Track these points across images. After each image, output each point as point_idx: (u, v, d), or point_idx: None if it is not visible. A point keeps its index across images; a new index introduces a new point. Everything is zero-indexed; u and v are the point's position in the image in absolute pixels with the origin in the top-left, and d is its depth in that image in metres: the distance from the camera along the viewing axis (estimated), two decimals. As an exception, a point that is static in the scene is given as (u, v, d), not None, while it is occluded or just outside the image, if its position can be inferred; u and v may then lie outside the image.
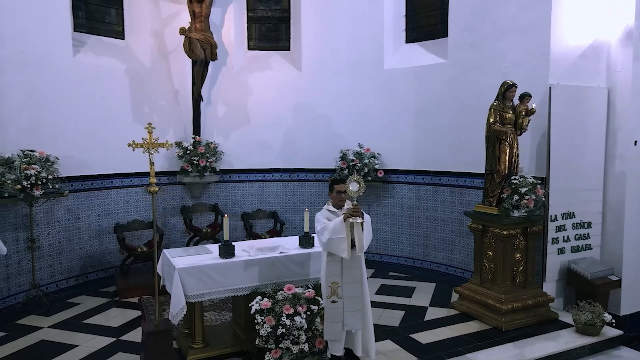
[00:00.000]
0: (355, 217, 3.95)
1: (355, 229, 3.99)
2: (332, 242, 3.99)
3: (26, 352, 4.63)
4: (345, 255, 3.99)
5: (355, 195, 4.00)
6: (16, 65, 5.97)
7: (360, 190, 4.02)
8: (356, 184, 4.01)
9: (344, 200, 4.28)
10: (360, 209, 3.98)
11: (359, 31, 7.82)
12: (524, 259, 5.38)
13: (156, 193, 4.36)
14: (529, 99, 5.34)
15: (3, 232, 5.85)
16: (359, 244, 3.99)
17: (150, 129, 4.40)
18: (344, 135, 7.97)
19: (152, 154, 4.37)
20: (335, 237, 3.97)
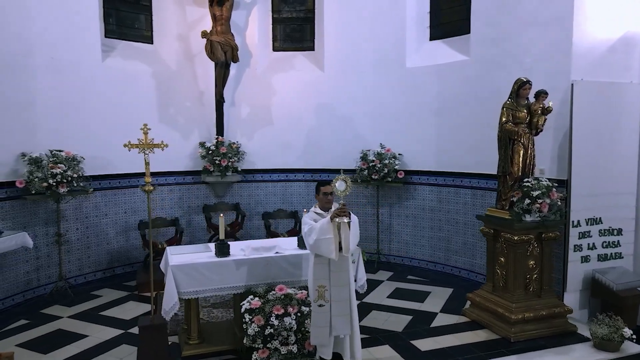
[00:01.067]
0: (341, 217, 3.89)
1: (342, 230, 3.93)
2: (320, 243, 3.95)
3: (41, 340, 4.93)
4: (333, 256, 3.94)
5: (342, 195, 3.94)
6: (47, 71, 6.37)
7: (348, 189, 3.96)
8: (343, 183, 3.96)
9: (331, 202, 4.23)
10: (347, 209, 3.91)
11: (381, 30, 7.69)
12: (538, 267, 5.08)
13: (151, 192, 4.43)
14: (545, 96, 5.03)
15: (34, 227, 6.27)
16: (345, 244, 3.92)
17: (145, 130, 4.52)
18: (366, 135, 7.87)
19: (147, 154, 4.48)
20: (322, 237, 3.93)
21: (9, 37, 5.91)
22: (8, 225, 5.91)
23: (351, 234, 3.92)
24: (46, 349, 4.70)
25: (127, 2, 7.63)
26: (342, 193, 3.94)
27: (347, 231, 3.91)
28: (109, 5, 7.37)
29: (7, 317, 5.59)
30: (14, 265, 6.05)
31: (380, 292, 6.39)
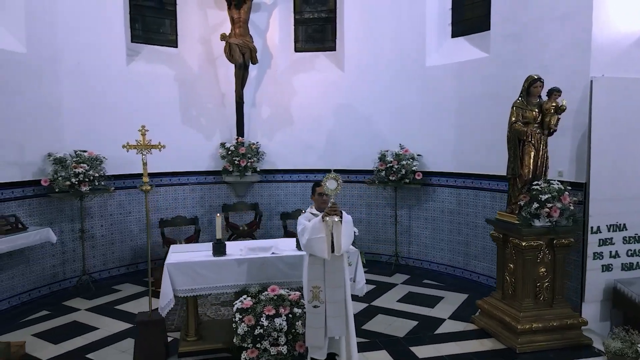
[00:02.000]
0: (332, 216, 3.84)
1: (334, 229, 3.88)
2: (312, 242, 3.92)
3: (55, 331, 5.21)
4: (325, 255, 3.90)
5: (332, 193, 3.91)
6: (73, 75, 6.71)
7: (338, 188, 3.92)
8: (334, 182, 3.91)
9: (327, 203, 4.17)
10: (337, 208, 3.87)
11: (401, 28, 7.55)
12: (550, 274, 4.80)
13: (149, 192, 4.56)
14: (558, 94, 4.75)
15: (60, 223, 6.63)
16: (337, 244, 3.86)
17: (143, 132, 4.66)
18: (386, 135, 7.75)
19: (145, 155, 4.60)
20: (314, 237, 3.90)
21: (38, 44, 6.27)
22: (35, 221, 6.28)
23: (343, 233, 3.85)
24: (57, 340, 4.96)
25: (153, 8, 7.91)
26: (332, 192, 3.90)
27: (339, 231, 3.86)
28: (135, 11, 7.67)
29: (32, 307, 5.95)
30: (41, 259, 6.41)
31: (392, 296, 6.27)
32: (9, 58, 5.94)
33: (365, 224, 8.14)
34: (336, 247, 3.84)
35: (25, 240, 5.72)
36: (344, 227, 3.83)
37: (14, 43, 6.04)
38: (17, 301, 6.04)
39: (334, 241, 3.90)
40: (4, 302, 5.88)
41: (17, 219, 5.88)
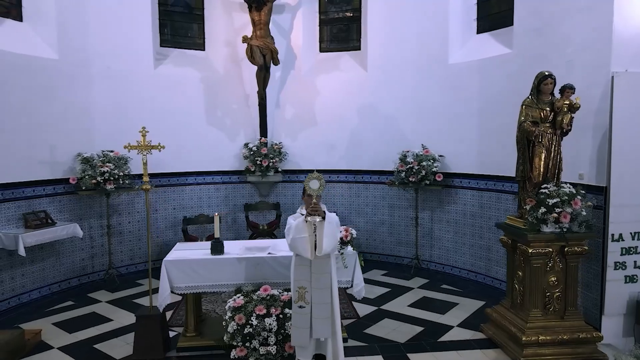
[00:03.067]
0: (314, 216, 3.82)
1: (317, 229, 3.86)
2: (295, 242, 3.92)
3: (73, 321, 5.52)
4: (308, 255, 3.89)
5: (315, 193, 3.89)
6: (103, 79, 7.09)
7: (321, 188, 3.90)
8: (317, 182, 3.90)
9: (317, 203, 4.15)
10: (319, 208, 3.84)
11: (424, 25, 7.35)
12: (561, 284, 4.49)
13: (149, 191, 4.72)
14: (571, 91, 4.44)
15: (89, 219, 7.03)
16: (319, 244, 3.83)
17: (143, 133, 4.82)
18: (408, 135, 7.58)
19: (145, 155, 4.76)
20: (298, 236, 3.90)
21: (69, 51, 6.68)
22: (65, 217, 6.69)
23: (325, 234, 3.81)
24: (73, 329, 5.26)
25: (181, 13, 8.19)
26: (315, 192, 3.88)
27: (322, 230, 3.83)
28: (164, 17, 7.98)
29: (60, 297, 6.34)
30: (71, 253, 6.82)
31: (404, 300, 6.12)
32: (43, 64, 6.36)
33: (387, 226, 8.01)
34: (318, 247, 3.80)
35: (53, 234, 6.12)
36: (326, 228, 3.79)
37: (46, 50, 6.46)
38: (47, 291, 6.46)
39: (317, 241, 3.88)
40: (35, 291, 6.31)
41: (47, 214, 6.30)
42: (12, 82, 6.00)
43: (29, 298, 6.20)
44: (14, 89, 6.02)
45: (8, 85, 5.95)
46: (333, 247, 3.89)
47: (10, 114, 5.98)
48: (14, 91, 6.03)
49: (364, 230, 8.22)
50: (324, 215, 3.81)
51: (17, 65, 6.05)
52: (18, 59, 6.06)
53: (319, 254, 3.82)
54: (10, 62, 5.98)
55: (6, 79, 5.92)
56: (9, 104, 5.96)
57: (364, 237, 8.22)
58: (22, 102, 6.12)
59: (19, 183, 6.11)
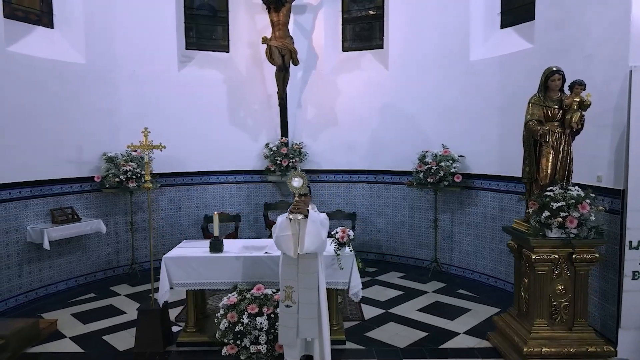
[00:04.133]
0: (295, 213, 3.82)
1: (300, 227, 3.85)
2: (279, 239, 3.94)
3: (90, 312, 5.80)
4: (291, 253, 3.91)
5: (297, 192, 3.89)
6: (129, 82, 7.38)
7: (303, 186, 3.90)
8: (299, 180, 3.90)
9: (306, 203, 4.13)
10: (300, 206, 3.82)
11: (445, 21, 7.14)
12: (569, 293, 4.22)
13: (151, 190, 4.86)
14: (580, 88, 4.16)
15: (115, 216, 7.36)
16: (300, 242, 3.81)
17: (146, 133, 4.96)
18: (429, 135, 7.39)
19: (147, 155, 4.90)
20: (281, 234, 3.92)
21: (96, 56, 7.01)
22: (92, 213, 7.04)
23: (308, 232, 3.79)
24: (87, 320, 5.52)
25: (206, 16, 8.40)
26: (297, 190, 3.89)
27: (304, 229, 3.81)
28: (190, 20, 8.21)
29: (84, 290, 6.68)
30: (97, 247, 7.17)
31: (414, 304, 5.97)
32: (71, 69, 6.72)
33: (408, 227, 7.84)
34: (300, 245, 3.79)
35: (77, 229, 6.45)
36: (309, 226, 3.77)
37: (75, 55, 6.82)
38: (73, 283, 6.82)
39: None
40: (62, 283, 6.68)
41: (74, 210, 6.65)
42: (42, 85, 6.37)
43: (55, 289, 6.57)
44: (43, 93, 6.39)
45: (38, 89, 6.32)
46: (317, 247, 3.85)
47: (40, 115, 6.35)
48: (44, 94, 6.40)
49: (384, 232, 8.10)
50: (307, 214, 3.79)
51: (47, 70, 6.42)
52: (48, 64, 6.44)
53: (300, 252, 3.81)
54: (41, 67, 6.35)
55: (36, 83, 6.30)
56: (39, 106, 6.34)
57: (384, 239, 8.10)
58: (52, 104, 6.49)
59: (48, 180, 6.48)
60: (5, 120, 5.90)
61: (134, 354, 4.64)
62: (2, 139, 5.85)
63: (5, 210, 5.91)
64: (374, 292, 6.42)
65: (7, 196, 5.94)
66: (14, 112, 6.00)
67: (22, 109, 6.10)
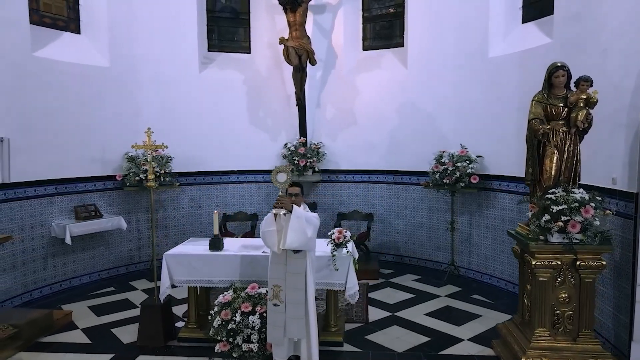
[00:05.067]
0: (278, 208, 3.83)
1: (284, 223, 3.86)
2: (265, 235, 4.00)
3: (106, 305, 6.04)
4: (275, 249, 3.95)
5: (282, 187, 3.92)
6: (151, 84, 7.64)
7: (288, 181, 3.91)
8: (284, 175, 3.94)
9: (296, 203, 4.14)
10: (284, 201, 3.83)
11: (464, 17, 6.93)
12: (574, 301, 3.98)
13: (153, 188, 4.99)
14: (586, 84, 3.92)
15: (137, 213, 7.63)
16: (283, 237, 3.82)
17: (149, 133, 5.10)
18: (448, 135, 7.20)
19: (150, 154, 5.04)
20: (266, 229, 3.97)
21: (120, 59, 7.29)
22: (115, 211, 7.33)
23: (291, 227, 3.79)
24: (101, 313, 5.76)
25: (228, 18, 8.55)
26: (282, 185, 3.92)
27: (287, 224, 3.82)
28: (212, 23, 8.39)
29: (105, 284, 6.97)
30: (120, 243, 7.46)
31: (423, 308, 5.83)
32: (95, 72, 7.03)
33: (426, 229, 7.67)
34: (282, 240, 3.79)
35: (98, 226, 6.75)
36: (292, 222, 3.78)
37: (99, 59, 7.13)
38: (96, 277, 7.13)
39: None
40: (85, 276, 7.00)
41: (97, 207, 6.95)
42: (69, 88, 6.70)
43: (79, 282, 6.90)
44: (69, 95, 6.72)
45: (65, 92, 6.66)
46: (301, 243, 3.82)
47: (67, 117, 6.69)
48: (70, 96, 6.73)
49: (402, 233, 7.96)
50: (291, 209, 3.79)
51: (73, 74, 6.74)
52: (74, 67, 6.76)
53: (283, 247, 3.83)
54: (67, 72, 6.68)
55: (63, 86, 6.63)
56: (66, 108, 6.67)
57: (403, 240, 7.96)
58: (77, 106, 6.81)
59: (73, 179, 6.82)
60: (32, 121, 6.24)
61: (136, 347, 4.79)
62: (29, 139, 6.19)
63: (31, 206, 6.26)
64: (385, 295, 6.32)
65: (33, 193, 6.28)
66: (40, 113, 6.34)
67: (48, 110, 6.44)
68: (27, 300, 6.18)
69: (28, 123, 6.17)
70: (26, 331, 4.81)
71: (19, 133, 6.03)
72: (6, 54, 5.86)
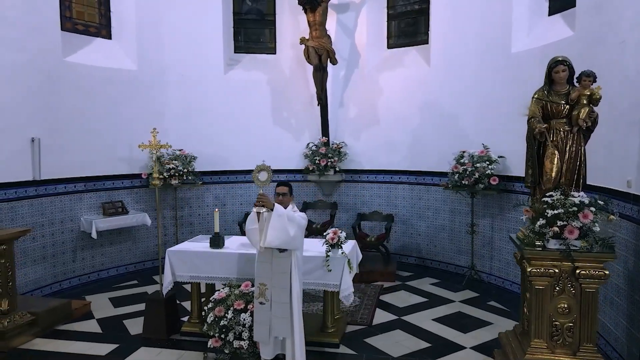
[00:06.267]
0: (259, 206, 3.86)
1: (266, 221, 3.88)
2: (248, 233, 4.08)
3: (125, 297, 6.34)
4: (257, 247, 4.00)
5: (262, 185, 3.96)
6: (177, 86, 7.92)
7: (268, 179, 3.92)
8: (265, 174, 3.98)
9: (284, 203, 4.17)
10: (264, 199, 3.85)
11: (487, 12, 6.67)
12: (574, 313, 3.72)
13: (158, 187, 5.16)
14: (588, 80, 3.65)
15: (162, 210, 7.93)
16: (263, 235, 3.84)
17: (154, 133, 5.27)
18: (470, 134, 6.95)
19: (155, 154, 5.21)
20: (249, 227, 4.04)
21: (147, 62, 7.62)
22: (141, 207, 7.66)
23: (271, 226, 3.80)
24: (118, 304, 6.05)
25: (254, 20, 8.70)
26: (262, 183, 3.97)
27: (268, 222, 3.84)
28: (238, 25, 8.58)
29: (130, 277, 7.30)
30: (146, 239, 7.79)
31: (432, 313, 5.65)
32: (124, 75, 7.38)
33: (448, 232, 7.43)
34: (262, 238, 3.82)
35: (123, 222, 7.08)
36: (273, 220, 3.80)
37: (127, 62, 7.48)
38: (123, 270, 7.49)
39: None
40: (113, 269, 7.37)
41: (123, 204, 7.30)
42: (98, 91, 7.08)
43: (106, 275, 7.27)
44: (99, 97, 7.10)
45: (95, 95, 7.04)
46: (282, 242, 3.82)
47: (97, 118, 7.07)
48: (100, 99, 7.11)
49: (424, 235, 7.76)
50: (272, 207, 3.80)
51: (102, 77, 7.12)
52: (103, 71, 7.14)
53: (263, 245, 3.84)
54: (98, 76, 7.07)
55: (93, 89, 7.02)
56: (96, 110, 7.06)
57: (425, 243, 7.76)
58: (106, 107, 7.19)
59: (102, 176, 7.20)
60: (64, 122, 6.65)
61: (141, 339, 4.98)
62: (60, 139, 6.60)
63: (61, 202, 6.67)
64: (396, 298, 6.19)
65: (63, 190, 6.69)
66: (71, 115, 6.74)
67: (78, 112, 6.84)
68: (56, 290, 6.59)
69: (58, 124, 6.58)
70: (44, 319, 5.14)
71: (50, 133, 6.43)
72: (38, 59, 6.28)
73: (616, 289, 4.27)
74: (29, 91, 6.18)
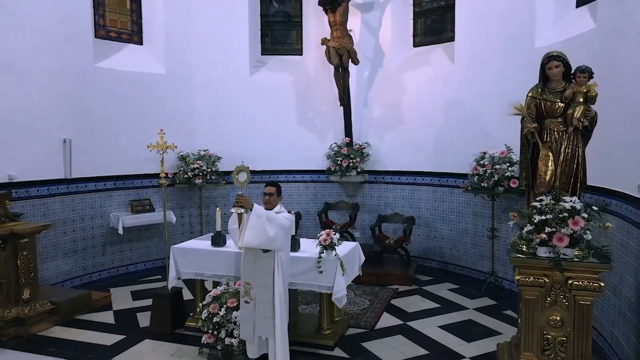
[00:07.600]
0: (237, 207, 3.92)
1: (244, 221, 3.95)
2: (230, 233, 4.18)
3: (146, 291, 6.56)
4: (237, 246, 4.15)
5: (241, 185, 4.02)
6: (204, 88, 8.18)
7: (247, 180, 4.07)
8: (244, 174, 4.06)
9: (270, 203, 4.22)
10: (242, 200, 3.90)
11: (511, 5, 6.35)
12: (567, 326, 3.47)
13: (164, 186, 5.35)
14: (583, 76, 3.39)
15: (189, 208, 8.23)
16: (242, 235, 3.91)
17: (161, 134, 5.46)
18: (493, 134, 6.65)
19: (162, 154, 5.40)
20: (230, 227, 4.15)
21: (175, 66, 7.93)
22: (168, 206, 7.96)
23: (249, 226, 3.85)
24: (137, 297, 6.34)
25: (281, 22, 8.82)
26: (241, 184, 4.02)
27: (246, 222, 3.88)
28: (265, 27, 8.72)
29: (156, 272, 7.62)
30: (173, 236, 8.08)
31: (440, 320, 5.46)
32: (153, 79, 7.73)
33: (471, 236, 7.16)
34: (240, 238, 3.88)
35: (149, 219, 7.42)
36: (251, 220, 3.85)
37: (156, 66, 7.82)
38: (150, 265, 7.84)
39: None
40: (140, 264, 7.74)
41: (150, 202, 7.65)
42: (129, 94, 7.46)
43: (134, 269, 7.65)
44: (129, 100, 7.48)
45: (125, 98, 7.43)
46: (261, 242, 3.86)
47: (126, 120, 7.45)
48: (130, 102, 7.49)
49: (447, 239, 7.52)
50: (251, 207, 3.85)
51: (132, 81, 7.49)
52: (133, 76, 7.51)
53: (240, 245, 3.91)
54: (128, 79, 7.45)
55: (124, 93, 7.40)
56: (126, 112, 7.44)
57: (448, 247, 7.51)
58: (136, 110, 7.55)
59: (130, 175, 7.58)
60: (95, 124, 7.07)
61: (148, 331, 5.20)
62: (92, 140, 7.02)
63: (91, 199, 7.10)
64: (408, 303, 6.05)
65: (94, 187, 7.12)
66: (102, 118, 7.15)
67: (109, 115, 7.24)
68: (86, 281, 7.02)
69: (89, 125, 7.00)
70: (64, 308, 5.49)
71: (81, 134, 6.85)
72: (70, 65, 6.71)
73: (627, 303, 3.94)
74: (61, 95, 6.63)
